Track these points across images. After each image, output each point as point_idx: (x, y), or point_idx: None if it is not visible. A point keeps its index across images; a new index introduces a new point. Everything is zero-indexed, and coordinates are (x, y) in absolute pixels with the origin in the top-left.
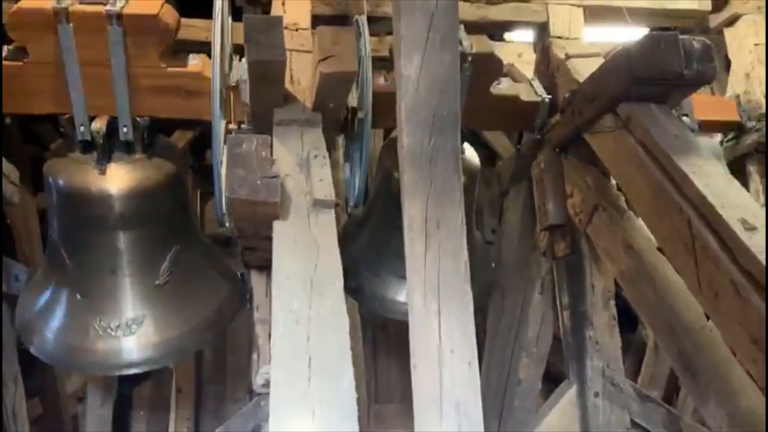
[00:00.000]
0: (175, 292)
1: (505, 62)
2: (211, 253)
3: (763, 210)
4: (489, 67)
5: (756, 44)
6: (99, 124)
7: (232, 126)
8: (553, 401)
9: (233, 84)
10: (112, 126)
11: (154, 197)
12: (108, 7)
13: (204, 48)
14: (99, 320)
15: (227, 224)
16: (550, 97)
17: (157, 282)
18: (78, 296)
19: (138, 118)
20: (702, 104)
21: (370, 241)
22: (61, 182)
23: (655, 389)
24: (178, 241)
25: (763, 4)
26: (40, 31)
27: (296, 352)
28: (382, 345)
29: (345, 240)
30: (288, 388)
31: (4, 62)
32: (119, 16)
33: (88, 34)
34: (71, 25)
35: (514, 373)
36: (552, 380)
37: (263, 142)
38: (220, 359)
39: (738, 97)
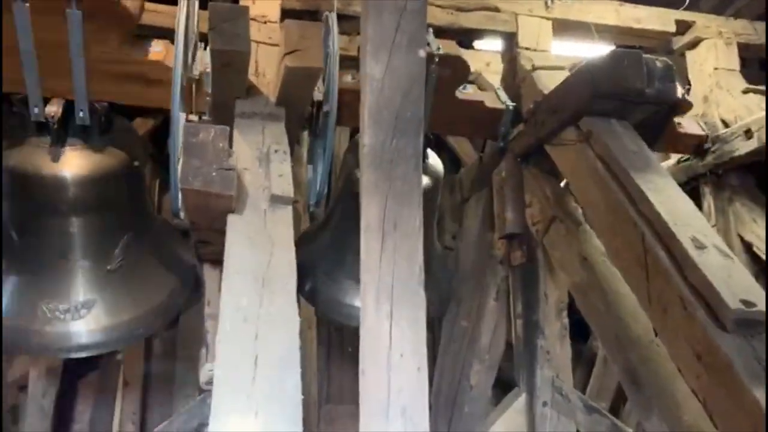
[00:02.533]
0: (127, 277)
1: (472, 70)
2: (167, 241)
3: (713, 230)
4: (455, 70)
5: (715, 68)
6: (54, 108)
7: (192, 116)
8: (502, 408)
9: (196, 76)
10: (69, 109)
11: (108, 183)
12: None
13: (169, 34)
14: (47, 303)
15: (182, 216)
16: (514, 105)
17: (108, 267)
18: (26, 278)
19: (96, 103)
20: None
21: (329, 243)
22: (12, 162)
23: (602, 400)
24: (132, 227)
25: (725, 30)
26: None
27: (243, 350)
28: (336, 345)
29: (304, 240)
30: (231, 387)
31: None
32: None
33: (45, 15)
34: (27, 4)
35: (466, 379)
36: (503, 387)
37: (221, 133)
38: (169, 353)
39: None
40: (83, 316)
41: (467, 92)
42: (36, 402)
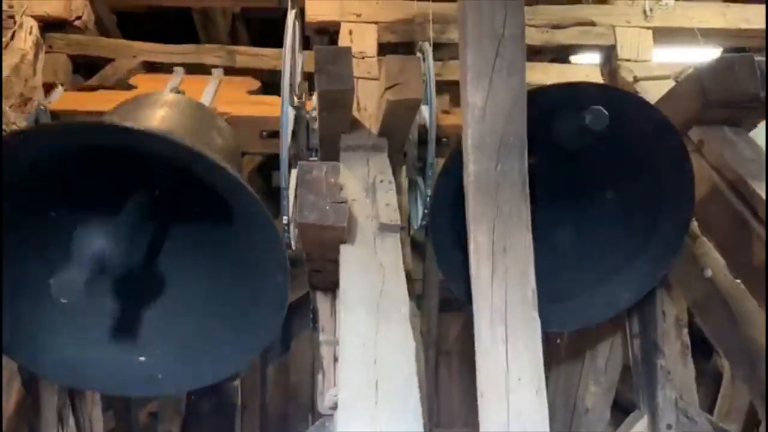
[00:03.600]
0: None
1: None
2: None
3: None
4: None
5: None
6: None
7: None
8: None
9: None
10: None
11: None
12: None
13: (274, 76)
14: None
15: (293, 247)
16: None
17: None
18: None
19: None
20: None
21: None
22: None
23: (732, 423)
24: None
25: None
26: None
27: (363, 375)
28: (443, 368)
29: None
30: (356, 410)
31: None
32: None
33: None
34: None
35: (581, 402)
36: (622, 410)
37: (332, 169)
38: (282, 379)
39: None
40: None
41: None
42: (165, 427)
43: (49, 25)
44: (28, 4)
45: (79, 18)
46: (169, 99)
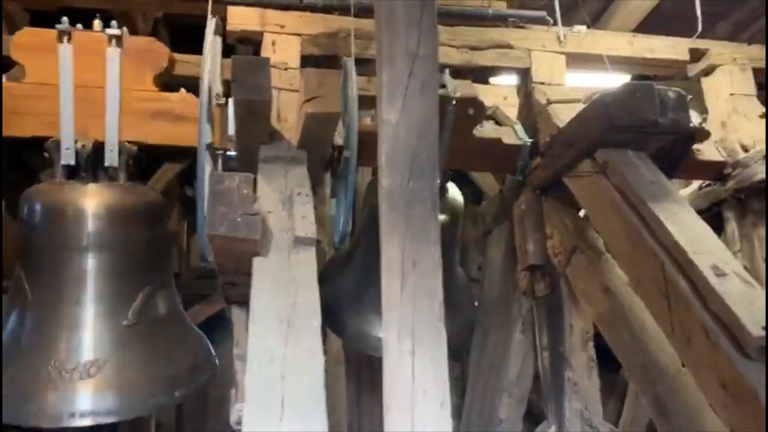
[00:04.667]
0: (145, 337)
1: (490, 104)
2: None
3: (734, 257)
4: (473, 110)
5: (731, 94)
6: (85, 146)
7: (216, 147)
8: None
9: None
10: (99, 152)
11: (129, 223)
12: (109, 30)
13: (195, 83)
14: (54, 361)
15: (209, 259)
16: (531, 141)
17: (125, 322)
18: (34, 335)
19: (126, 144)
20: None
21: (354, 278)
22: (34, 203)
23: None
24: (154, 280)
25: (739, 56)
26: (42, 53)
27: (270, 390)
28: (366, 381)
29: (329, 275)
30: (259, 427)
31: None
32: (118, 38)
33: (86, 56)
34: (71, 45)
35: (496, 412)
36: (534, 419)
37: (245, 180)
38: (201, 394)
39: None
40: (92, 375)
41: (484, 130)
42: None
43: None
44: None
45: None
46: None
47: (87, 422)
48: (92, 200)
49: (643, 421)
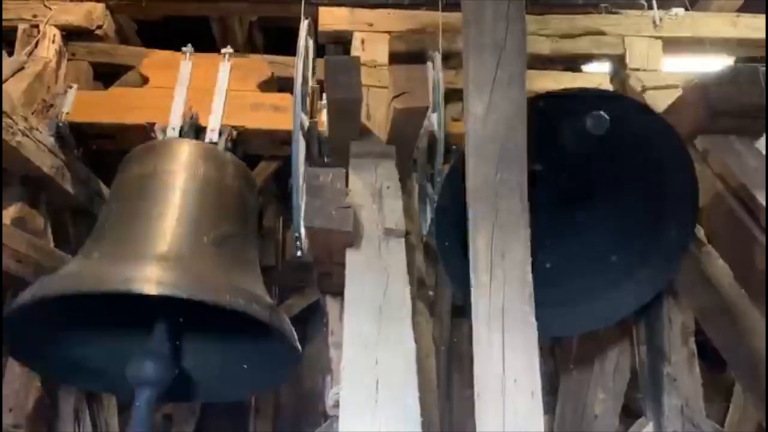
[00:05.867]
0: (221, 257)
1: None
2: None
3: None
4: None
5: None
6: (192, 122)
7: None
8: None
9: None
10: (202, 134)
11: (224, 173)
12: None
13: (289, 83)
14: (139, 247)
15: (304, 251)
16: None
17: (205, 239)
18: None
19: (227, 127)
20: None
21: None
22: (145, 148)
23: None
24: (237, 229)
25: None
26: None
27: (365, 374)
28: (456, 372)
29: None
30: (356, 408)
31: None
32: (230, 54)
33: (201, 68)
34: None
35: (590, 408)
36: (632, 416)
37: (338, 175)
38: (296, 382)
39: None
40: (171, 265)
41: None
42: (178, 429)
43: (72, 34)
44: (52, 13)
45: (100, 27)
46: (191, 159)
47: (167, 292)
48: (195, 148)
49: (754, 421)
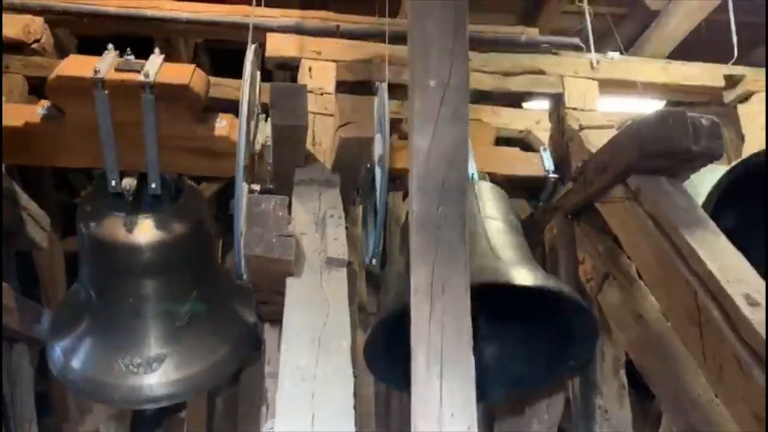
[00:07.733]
0: (193, 332)
1: (522, 128)
2: (230, 297)
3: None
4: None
5: None
6: (130, 181)
7: (254, 186)
8: None
9: (258, 149)
10: (142, 180)
11: (178, 248)
12: (142, 78)
13: (234, 106)
14: (123, 358)
15: (244, 277)
16: (555, 177)
17: (178, 324)
18: (104, 336)
19: (166, 176)
20: None
21: None
22: (92, 231)
23: None
24: (199, 284)
25: None
26: (78, 96)
27: (301, 408)
28: (395, 400)
29: None
30: None
31: (41, 121)
32: (152, 86)
33: (122, 100)
34: (107, 92)
35: None
36: None
37: (280, 203)
38: (230, 410)
39: None
40: (155, 369)
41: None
42: None
43: (7, 47)
44: None
45: (37, 41)
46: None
47: (154, 405)
48: (143, 235)
49: None
